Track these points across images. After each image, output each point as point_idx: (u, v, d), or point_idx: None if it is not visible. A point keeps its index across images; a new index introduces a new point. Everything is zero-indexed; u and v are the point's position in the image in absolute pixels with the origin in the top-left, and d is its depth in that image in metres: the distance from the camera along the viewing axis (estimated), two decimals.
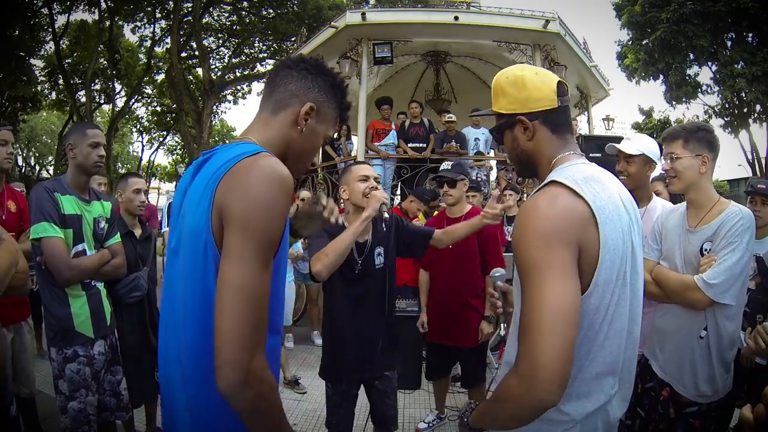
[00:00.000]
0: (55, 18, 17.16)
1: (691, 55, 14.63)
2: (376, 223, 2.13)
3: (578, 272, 0.93)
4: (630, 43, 15.90)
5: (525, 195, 6.54)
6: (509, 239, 4.65)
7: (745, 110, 14.80)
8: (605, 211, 0.96)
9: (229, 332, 0.81)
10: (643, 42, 14.92)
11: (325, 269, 1.83)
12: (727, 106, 15.09)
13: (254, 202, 0.84)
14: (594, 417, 1.01)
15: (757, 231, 1.99)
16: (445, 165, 2.92)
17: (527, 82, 1.06)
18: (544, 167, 1.08)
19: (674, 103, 15.88)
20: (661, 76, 15.44)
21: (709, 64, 14.72)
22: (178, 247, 0.96)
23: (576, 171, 1.01)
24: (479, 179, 5.93)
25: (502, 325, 1.38)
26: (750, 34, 13.89)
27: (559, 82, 1.08)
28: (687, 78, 15.17)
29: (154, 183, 26.54)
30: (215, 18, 19.52)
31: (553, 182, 0.99)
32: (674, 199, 2.65)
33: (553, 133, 1.07)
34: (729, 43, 14.25)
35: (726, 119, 15.59)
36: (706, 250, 1.66)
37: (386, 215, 2.00)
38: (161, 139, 26.97)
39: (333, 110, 1.08)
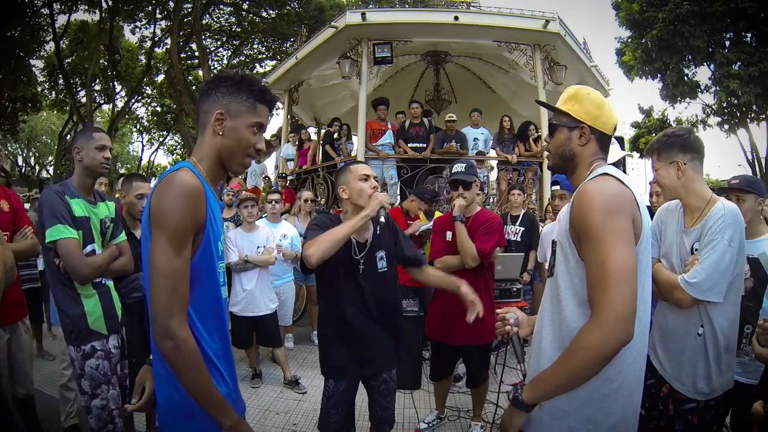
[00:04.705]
0: (56, 18, 17.16)
1: (689, 56, 14.59)
2: (377, 227, 2.11)
3: None
4: (629, 41, 15.88)
5: (533, 195, 6.55)
6: (511, 239, 4.65)
7: (744, 109, 14.76)
8: (642, 203, 1.21)
9: (154, 300, 1.10)
10: (642, 41, 14.90)
11: (318, 253, 1.84)
12: (724, 105, 15.05)
13: (163, 207, 1.12)
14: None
15: (746, 230, 1.97)
16: (458, 167, 2.82)
17: (604, 108, 1.34)
18: (583, 169, 1.34)
19: (669, 102, 15.86)
20: (659, 75, 15.42)
21: (708, 63, 14.69)
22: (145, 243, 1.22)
23: (618, 171, 1.26)
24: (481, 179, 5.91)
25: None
26: (748, 35, 13.85)
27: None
28: (685, 78, 15.13)
29: (154, 183, 26.55)
30: (215, 19, 19.52)
31: (605, 174, 1.23)
32: None
33: (599, 149, 1.35)
34: (727, 43, 14.20)
35: (723, 117, 15.57)
36: (696, 250, 1.67)
37: (383, 219, 1.97)
38: (161, 139, 26.99)
39: (245, 101, 1.25)
